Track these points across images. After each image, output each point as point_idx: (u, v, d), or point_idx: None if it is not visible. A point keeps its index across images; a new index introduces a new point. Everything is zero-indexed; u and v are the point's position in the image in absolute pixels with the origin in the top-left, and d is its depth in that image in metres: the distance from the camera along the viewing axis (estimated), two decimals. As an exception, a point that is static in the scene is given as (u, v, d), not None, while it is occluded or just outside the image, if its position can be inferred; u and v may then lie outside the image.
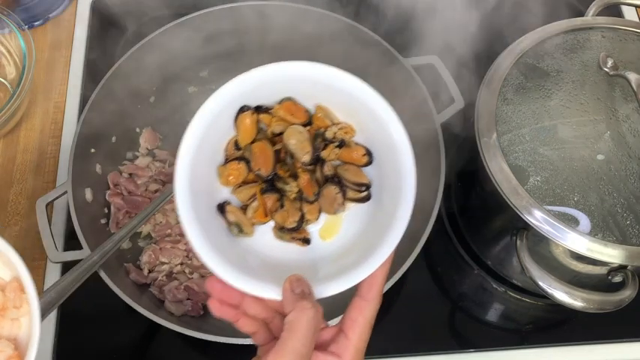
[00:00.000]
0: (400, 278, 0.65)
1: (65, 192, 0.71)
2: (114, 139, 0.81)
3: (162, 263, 0.77)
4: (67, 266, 0.79)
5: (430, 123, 0.74)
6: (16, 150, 0.89)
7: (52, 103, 0.92)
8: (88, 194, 0.75)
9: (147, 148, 0.85)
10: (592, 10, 0.76)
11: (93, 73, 0.92)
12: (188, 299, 0.74)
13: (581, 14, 0.76)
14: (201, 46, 0.85)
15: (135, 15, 0.93)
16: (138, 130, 0.85)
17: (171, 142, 0.87)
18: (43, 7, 0.98)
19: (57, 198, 0.71)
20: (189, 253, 0.78)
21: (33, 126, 0.91)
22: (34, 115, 0.91)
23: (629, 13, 1.00)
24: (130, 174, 0.82)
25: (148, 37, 0.80)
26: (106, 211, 0.79)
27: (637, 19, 1.00)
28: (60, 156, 0.88)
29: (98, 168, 0.78)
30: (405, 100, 0.78)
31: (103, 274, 0.66)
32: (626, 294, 0.61)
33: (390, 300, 0.78)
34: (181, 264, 0.77)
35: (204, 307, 0.75)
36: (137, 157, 0.84)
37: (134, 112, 0.84)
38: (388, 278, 0.65)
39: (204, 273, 0.76)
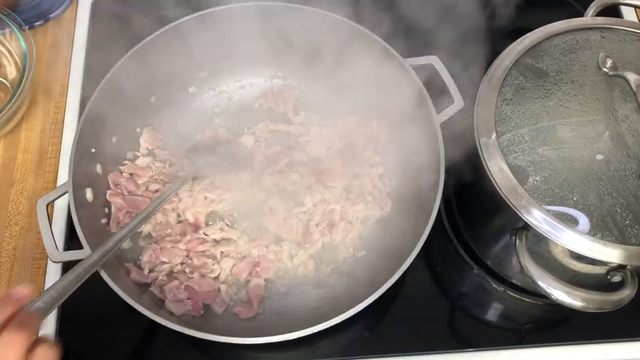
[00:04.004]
0: (400, 278, 0.65)
1: (66, 192, 0.71)
2: (114, 139, 0.81)
3: (163, 263, 0.77)
4: (67, 266, 0.79)
5: (430, 123, 0.74)
6: (17, 150, 0.89)
7: (53, 103, 0.92)
8: (89, 194, 0.75)
9: (147, 148, 0.85)
10: (591, 10, 0.76)
11: (93, 74, 0.92)
12: (188, 299, 0.74)
13: (581, 14, 0.76)
14: (201, 47, 0.85)
15: (135, 15, 0.93)
16: (138, 130, 0.85)
17: (171, 142, 0.87)
18: (43, 8, 0.98)
19: (57, 198, 0.72)
20: (190, 252, 0.78)
21: (33, 126, 0.91)
22: (34, 115, 0.92)
23: (628, 14, 1.00)
24: (131, 174, 0.82)
25: (148, 38, 0.80)
26: (107, 211, 0.79)
27: (636, 20, 1.00)
28: (60, 156, 0.88)
29: (99, 168, 0.78)
30: (405, 100, 0.79)
31: (103, 274, 0.66)
32: (625, 293, 0.61)
33: (389, 300, 0.78)
34: (182, 263, 0.77)
35: (205, 307, 0.75)
36: (138, 157, 0.84)
37: (134, 112, 0.84)
38: (389, 277, 0.65)
39: (205, 273, 0.77)
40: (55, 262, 0.69)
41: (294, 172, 0.83)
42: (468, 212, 0.82)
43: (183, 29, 0.81)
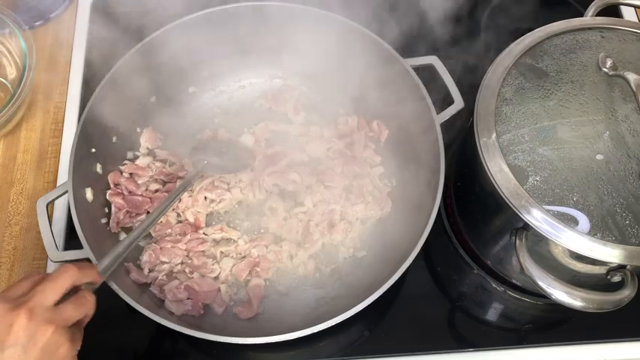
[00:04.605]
0: (400, 278, 0.65)
1: (66, 192, 0.71)
2: (114, 138, 0.81)
3: (163, 263, 0.77)
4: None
5: (430, 123, 0.74)
6: (17, 150, 0.89)
7: (53, 103, 0.92)
8: (89, 194, 0.75)
9: (147, 148, 0.85)
10: (591, 10, 0.76)
11: (93, 74, 0.92)
12: (188, 299, 0.74)
13: (581, 15, 0.76)
14: (201, 47, 0.85)
15: (135, 15, 0.93)
16: (138, 130, 0.85)
17: (171, 141, 0.87)
18: (43, 8, 0.98)
19: (57, 197, 0.72)
20: (190, 252, 0.78)
21: (33, 126, 0.91)
22: (34, 115, 0.92)
23: (628, 14, 1.00)
24: (131, 174, 0.82)
25: (148, 38, 0.80)
26: (107, 210, 0.79)
27: (636, 20, 1.00)
28: (60, 156, 0.88)
29: (99, 168, 0.78)
30: (405, 100, 0.79)
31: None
32: (625, 293, 0.61)
33: (389, 300, 0.78)
34: (182, 263, 0.77)
35: (205, 307, 0.75)
36: (138, 156, 0.84)
37: (135, 112, 0.84)
38: (389, 276, 0.65)
39: (205, 273, 0.77)
40: (54, 262, 0.69)
41: (294, 173, 0.83)
42: (468, 212, 0.82)
43: (183, 29, 0.81)
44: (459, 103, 0.75)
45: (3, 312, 0.52)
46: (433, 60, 0.78)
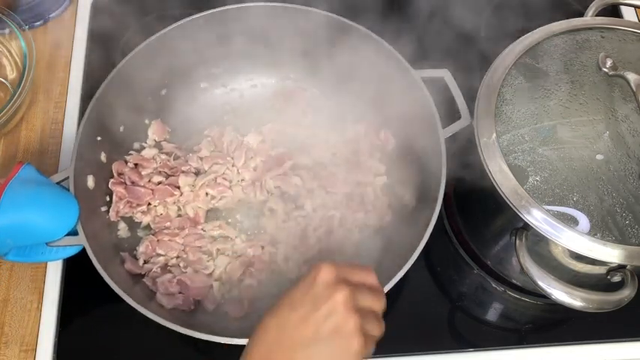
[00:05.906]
0: (400, 278, 0.65)
1: (67, 177, 0.71)
2: (121, 128, 0.81)
3: (159, 255, 0.77)
4: (67, 264, 0.80)
5: (435, 137, 0.73)
6: (17, 150, 0.89)
7: (53, 103, 0.92)
8: (90, 181, 0.75)
9: (154, 140, 0.85)
10: (591, 10, 0.76)
11: (93, 74, 0.92)
12: (180, 293, 0.74)
13: (581, 14, 0.76)
14: (215, 44, 0.85)
15: (135, 15, 0.93)
16: (147, 121, 0.85)
17: (179, 135, 0.87)
18: (43, 7, 0.98)
19: (59, 183, 0.72)
20: (186, 247, 0.78)
21: (33, 126, 0.91)
22: (34, 115, 0.91)
23: (628, 14, 1.00)
24: (136, 164, 0.82)
25: (163, 30, 0.79)
26: (108, 199, 0.79)
27: (636, 20, 1.00)
28: (60, 156, 0.88)
29: (103, 156, 0.78)
30: (413, 111, 0.78)
31: (95, 262, 0.66)
32: (625, 293, 0.61)
33: (390, 300, 0.78)
34: (177, 257, 0.77)
35: (196, 303, 0.75)
36: (144, 147, 0.84)
37: (144, 104, 0.84)
38: (389, 279, 0.65)
39: (198, 269, 0.77)
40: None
41: (296, 176, 0.83)
42: (468, 212, 0.82)
43: (197, 26, 0.81)
44: (465, 119, 0.73)
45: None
46: (444, 73, 0.77)
